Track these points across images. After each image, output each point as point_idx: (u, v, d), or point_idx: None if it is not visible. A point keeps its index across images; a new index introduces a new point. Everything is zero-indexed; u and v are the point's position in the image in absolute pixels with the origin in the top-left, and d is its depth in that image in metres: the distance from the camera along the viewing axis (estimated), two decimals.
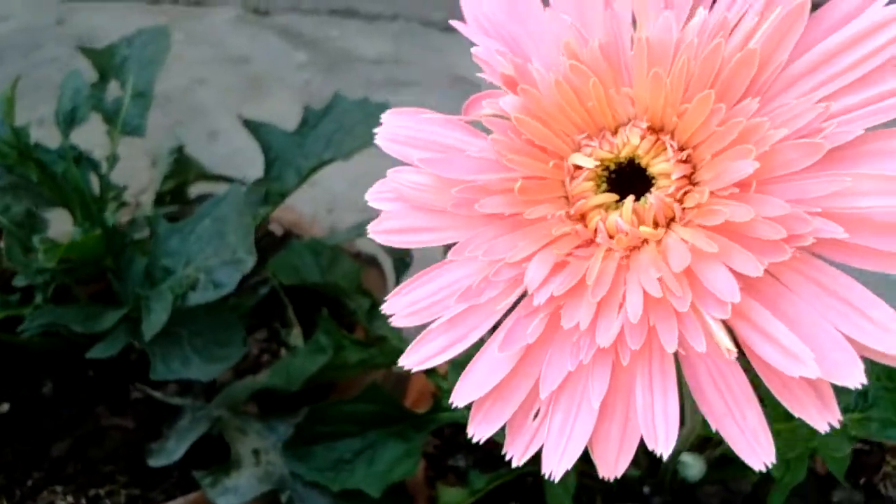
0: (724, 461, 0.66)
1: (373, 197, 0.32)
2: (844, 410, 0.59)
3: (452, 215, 0.29)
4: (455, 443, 0.73)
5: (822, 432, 0.25)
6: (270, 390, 0.77)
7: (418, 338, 0.30)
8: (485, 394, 0.29)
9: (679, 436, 0.62)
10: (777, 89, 0.26)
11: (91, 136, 0.85)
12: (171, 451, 0.73)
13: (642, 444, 0.27)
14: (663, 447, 0.26)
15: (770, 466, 0.26)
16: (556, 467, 0.28)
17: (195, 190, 1.05)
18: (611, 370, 0.27)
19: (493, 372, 0.29)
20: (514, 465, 0.29)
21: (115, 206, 1.04)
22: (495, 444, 0.30)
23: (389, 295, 0.31)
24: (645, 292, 0.26)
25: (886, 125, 0.26)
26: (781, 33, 0.25)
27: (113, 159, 0.88)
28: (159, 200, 1.00)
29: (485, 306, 0.29)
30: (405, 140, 0.31)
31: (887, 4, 0.25)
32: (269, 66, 1.85)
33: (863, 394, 0.57)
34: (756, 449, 0.26)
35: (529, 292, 0.28)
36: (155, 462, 0.72)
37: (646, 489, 0.69)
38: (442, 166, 0.29)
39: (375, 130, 0.32)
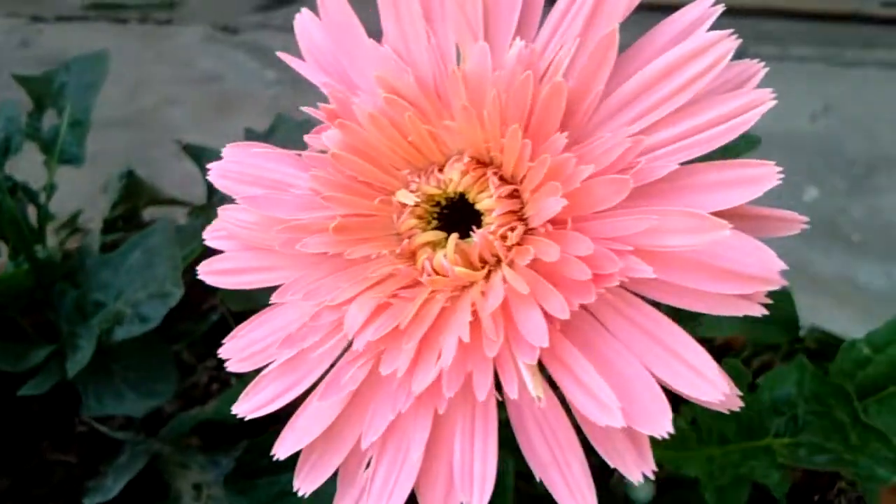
0: (675, 483, 0.65)
1: (209, 235, 0.31)
2: (775, 435, 0.58)
3: (282, 255, 0.28)
4: None
5: (636, 483, 0.23)
6: (213, 423, 0.75)
7: (251, 385, 0.29)
8: (312, 444, 0.28)
9: None
10: (596, 122, 0.25)
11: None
12: (107, 489, 0.71)
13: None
14: (478, 500, 0.24)
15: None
16: None
17: (150, 213, 1.05)
18: (432, 419, 0.26)
19: (317, 422, 0.27)
20: None
21: (66, 233, 1.03)
22: None
23: (227, 338, 0.30)
24: (460, 337, 0.24)
25: (712, 156, 0.24)
26: (594, 64, 0.24)
27: (50, 189, 0.87)
28: (111, 226, 0.99)
29: (312, 352, 0.27)
30: (236, 176, 0.30)
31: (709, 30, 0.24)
32: (239, 83, 1.85)
33: (792, 418, 0.56)
34: (578, 500, 0.25)
35: (349, 337, 0.26)
36: (90, 501, 0.70)
37: None
38: (265, 204, 0.28)
39: (209, 166, 0.30)
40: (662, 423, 0.22)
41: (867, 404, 0.60)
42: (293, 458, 0.30)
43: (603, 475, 0.70)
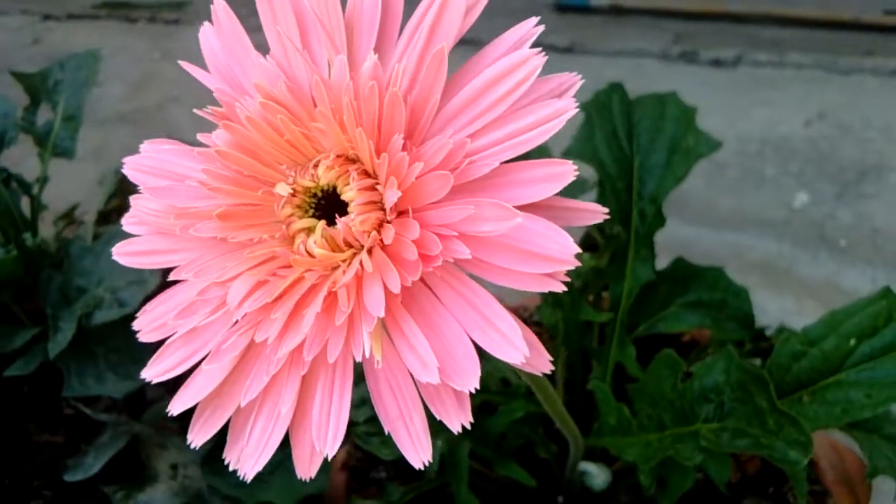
0: (631, 470, 0.68)
1: (125, 222, 0.35)
2: (704, 421, 0.61)
3: (184, 239, 0.32)
4: (377, 456, 0.76)
5: (456, 432, 0.28)
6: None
7: (157, 353, 0.33)
8: (203, 403, 0.32)
9: (570, 451, 0.64)
10: (436, 128, 0.29)
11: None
12: (88, 466, 0.75)
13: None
14: (329, 448, 0.29)
15: (428, 464, 0.28)
16: (250, 468, 0.30)
17: None
18: (300, 380, 0.30)
19: (206, 383, 0.32)
20: (231, 468, 0.32)
21: (63, 224, 1.08)
22: None
23: (139, 313, 0.34)
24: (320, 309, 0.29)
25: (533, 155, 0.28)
26: (430, 78, 0.28)
27: (43, 181, 0.92)
28: (105, 218, 1.03)
29: (203, 323, 0.32)
30: (147, 169, 0.34)
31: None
32: None
33: (719, 405, 0.60)
34: (418, 449, 0.29)
35: (231, 309, 0.31)
36: (71, 477, 0.74)
37: (560, 498, 0.71)
38: (166, 194, 0.32)
39: (125, 160, 0.35)
40: (471, 380, 0.27)
41: (801, 395, 0.64)
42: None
43: (560, 466, 0.73)
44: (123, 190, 1.06)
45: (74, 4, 2.15)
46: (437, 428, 0.29)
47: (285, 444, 0.32)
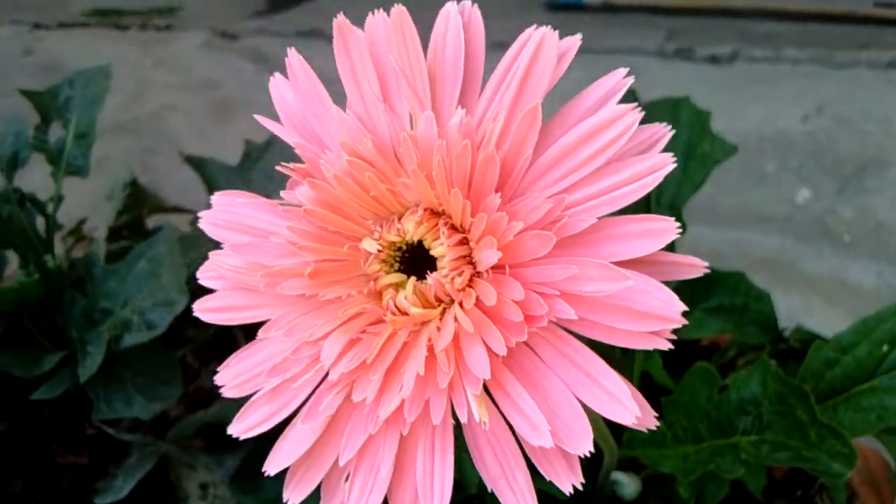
0: (662, 479, 0.68)
1: (201, 276, 0.35)
2: (742, 433, 0.61)
3: (265, 295, 0.32)
4: None
5: (568, 494, 0.28)
6: (218, 425, 0.79)
7: (243, 409, 0.33)
8: (299, 461, 0.32)
9: (604, 460, 0.64)
10: (528, 181, 0.29)
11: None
12: (117, 489, 0.75)
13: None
14: None
15: None
16: None
17: (153, 221, 1.08)
18: (399, 440, 0.30)
19: (301, 442, 0.32)
20: None
21: (72, 241, 1.07)
22: None
23: (221, 367, 0.34)
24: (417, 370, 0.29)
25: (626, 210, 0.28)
26: (522, 133, 0.28)
27: (58, 200, 0.91)
28: (115, 234, 1.02)
29: (294, 381, 0.31)
30: (225, 223, 0.34)
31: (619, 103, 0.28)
32: (239, 89, 1.89)
33: (757, 417, 0.60)
34: None
35: (326, 369, 0.31)
36: (102, 500, 0.74)
37: None
38: (249, 251, 0.32)
39: (201, 215, 0.34)
40: (584, 444, 0.27)
41: (835, 403, 0.64)
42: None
43: (592, 475, 0.73)
44: (136, 204, 1.05)
45: (64, 13, 2.12)
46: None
47: None
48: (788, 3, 1.93)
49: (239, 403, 0.83)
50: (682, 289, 0.77)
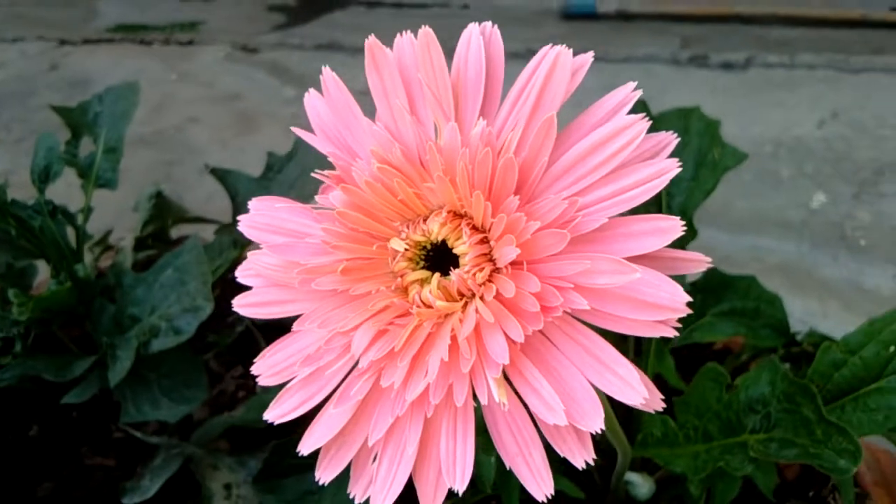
0: (675, 480, 0.70)
1: (240, 274, 0.38)
2: (751, 432, 0.63)
3: (300, 291, 0.35)
4: None
5: (580, 469, 0.30)
6: (241, 427, 0.81)
7: (278, 396, 0.36)
8: (329, 443, 0.35)
9: (618, 460, 0.66)
10: (544, 185, 0.32)
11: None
12: (145, 489, 0.77)
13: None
14: (459, 484, 0.31)
15: (550, 497, 0.31)
16: (381, 503, 0.33)
17: (177, 231, 1.11)
18: (423, 422, 0.32)
19: (332, 425, 0.34)
20: (356, 502, 0.34)
21: (99, 251, 1.10)
22: None
23: (257, 358, 0.37)
24: (441, 357, 0.31)
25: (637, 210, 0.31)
26: (539, 142, 0.31)
27: (88, 211, 0.94)
28: (141, 244, 1.06)
29: (327, 369, 0.34)
30: (263, 226, 0.37)
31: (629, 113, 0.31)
32: (259, 101, 1.93)
33: (765, 416, 0.62)
34: (540, 484, 0.32)
35: (356, 357, 0.33)
36: (129, 500, 0.76)
37: None
38: (285, 251, 0.35)
39: (239, 218, 0.37)
40: (596, 422, 0.29)
41: (843, 403, 0.66)
42: (315, 458, 0.37)
43: (606, 476, 0.75)
44: (161, 215, 1.09)
45: (89, 29, 2.18)
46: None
47: None
48: (803, 8, 1.94)
49: (262, 407, 0.85)
50: (694, 293, 0.78)
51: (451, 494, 0.76)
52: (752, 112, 1.66)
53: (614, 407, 0.81)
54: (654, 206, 0.74)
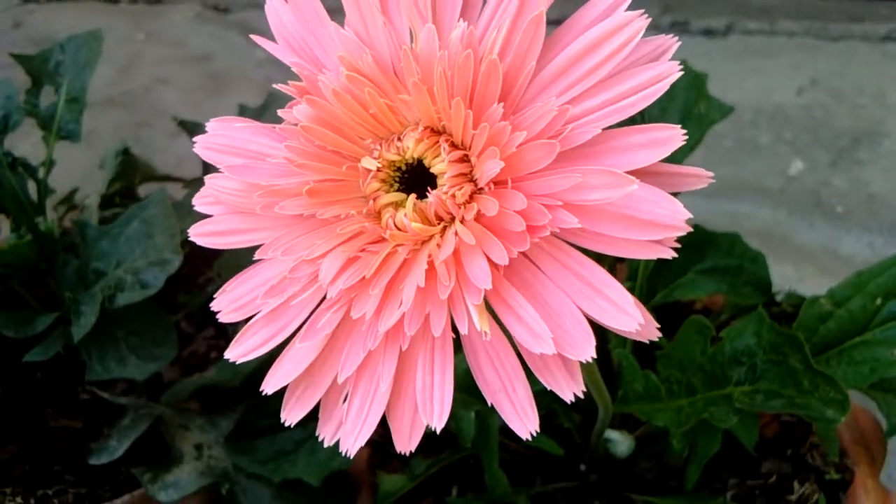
0: (654, 437, 0.69)
1: (198, 202, 0.34)
2: (736, 384, 0.62)
3: (263, 217, 0.32)
4: None
5: (568, 401, 0.28)
6: (213, 387, 0.79)
7: (240, 332, 0.33)
8: (296, 381, 0.32)
9: (598, 417, 0.64)
10: (531, 95, 0.29)
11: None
12: (112, 449, 0.75)
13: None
14: (437, 421, 0.29)
15: (535, 435, 0.28)
16: (351, 445, 0.30)
17: (145, 190, 1.08)
18: (398, 355, 0.30)
19: (299, 361, 0.31)
20: (325, 444, 0.32)
21: (64, 209, 1.06)
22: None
23: (217, 293, 0.34)
24: (417, 283, 0.28)
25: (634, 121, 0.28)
26: (526, 43, 0.28)
27: (49, 164, 0.90)
28: (108, 202, 1.02)
29: (293, 300, 0.31)
30: (221, 147, 0.34)
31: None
32: (230, 63, 1.87)
33: (751, 367, 0.60)
34: (524, 420, 0.29)
35: (324, 287, 0.30)
36: (96, 460, 0.74)
37: (582, 466, 0.72)
38: (245, 172, 0.31)
39: (195, 139, 0.34)
40: (586, 350, 0.27)
41: (829, 356, 0.64)
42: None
43: (586, 433, 0.73)
44: (128, 173, 1.05)
45: None
46: (469, 400, 0.29)
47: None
48: None
49: (234, 368, 0.82)
50: (677, 250, 0.77)
51: (429, 454, 0.74)
52: (732, 78, 1.65)
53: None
54: None
